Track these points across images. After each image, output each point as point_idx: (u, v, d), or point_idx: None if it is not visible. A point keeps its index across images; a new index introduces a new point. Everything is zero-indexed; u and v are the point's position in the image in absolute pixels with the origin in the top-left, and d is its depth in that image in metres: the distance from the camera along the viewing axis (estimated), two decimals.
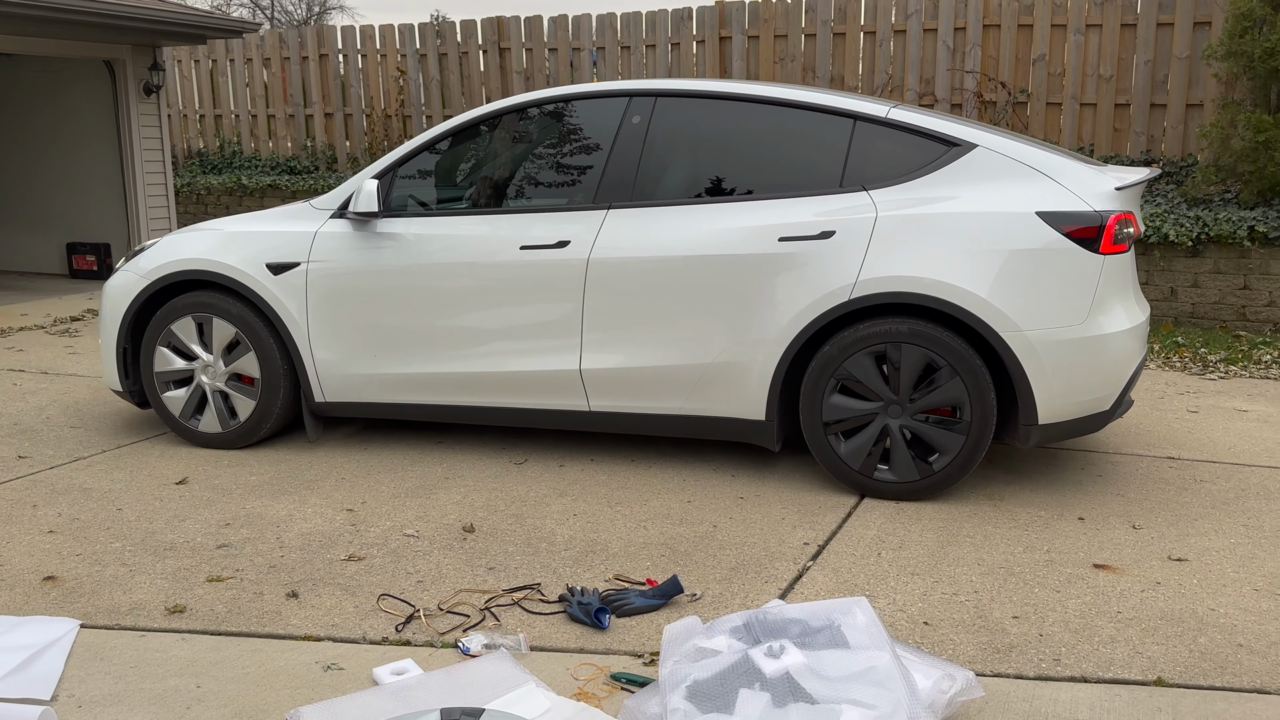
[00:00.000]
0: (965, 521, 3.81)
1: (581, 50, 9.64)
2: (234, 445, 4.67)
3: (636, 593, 3.17)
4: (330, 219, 4.50)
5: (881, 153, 3.98)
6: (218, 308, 4.56)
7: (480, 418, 4.42)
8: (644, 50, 9.40)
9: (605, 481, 4.25)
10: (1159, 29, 7.91)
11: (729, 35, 9.08)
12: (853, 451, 3.98)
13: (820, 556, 3.51)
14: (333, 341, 4.46)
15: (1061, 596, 3.20)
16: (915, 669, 2.51)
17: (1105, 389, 3.84)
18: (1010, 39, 8.29)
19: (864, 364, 3.89)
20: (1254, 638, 2.92)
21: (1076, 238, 3.74)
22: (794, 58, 8.90)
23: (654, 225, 4.09)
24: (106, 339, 4.79)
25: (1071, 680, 2.73)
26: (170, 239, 4.76)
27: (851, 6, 8.70)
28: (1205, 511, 3.87)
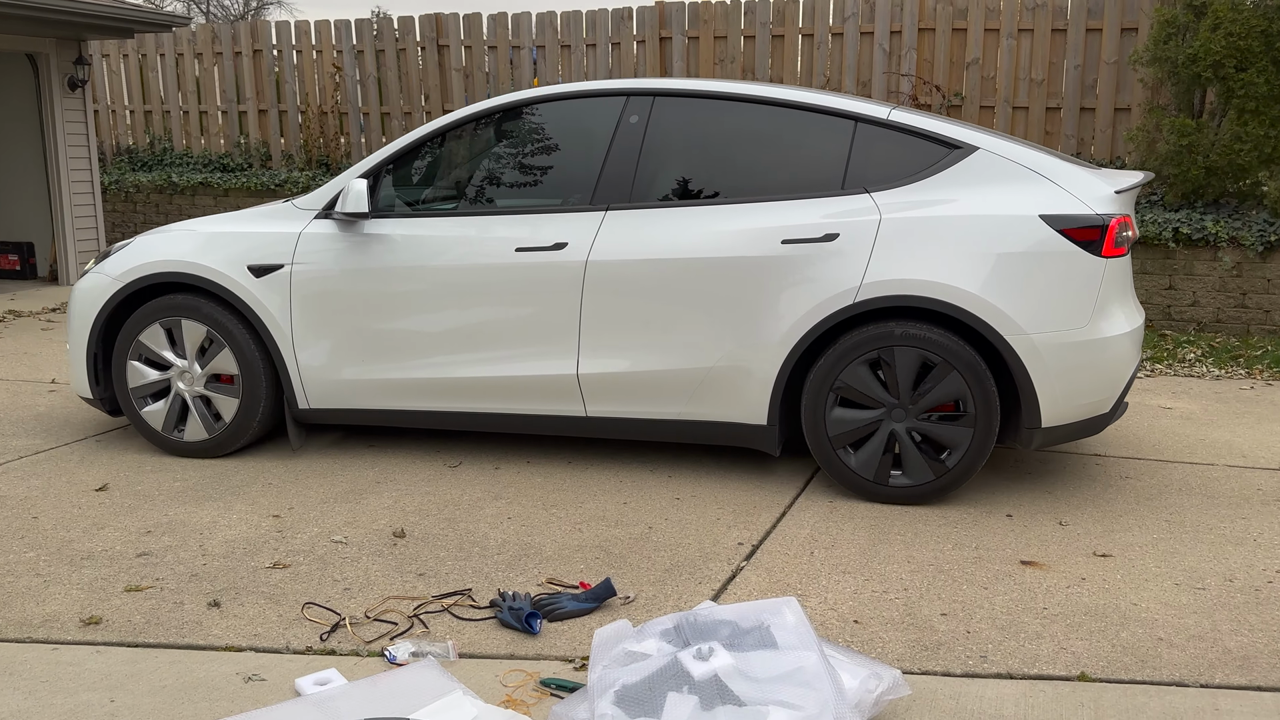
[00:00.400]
0: (896, 520, 3.84)
1: (521, 48, 9.57)
2: (215, 453, 4.50)
3: (569, 596, 3.14)
4: (315, 219, 4.35)
5: (883, 155, 3.96)
6: (196, 311, 4.39)
7: (473, 424, 4.30)
8: (584, 49, 9.36)
9: (541, 484, 4.21)
10: (1088, 34, 8.09)
11: (669, 36, 9.08)
12: (865, 461, 3.92)
13: (754, 556, 3.52)
14: (318, 346, 4.32)
15: (989, 593, 3.23)
16: (843, 668, 2.52)
17: (1105, 392, 3.86)
18: (945, 43, 8.42)
19: (868, 368, 3.85)
20: (1174, 631, 2.99)
21: (1079, 241, 3.74)
22: (733, 59, 8.94)
23: (654, 227, 4.02)
24: (76, 344, 4.58)
25: (998, 677, 2.76)
26: (144, 240, 4.57)
27: (789, 9, 8.76)
28: (1129, 508, 3.95)
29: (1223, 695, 2.66)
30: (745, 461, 4.46)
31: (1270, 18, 6.76)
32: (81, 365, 4.58)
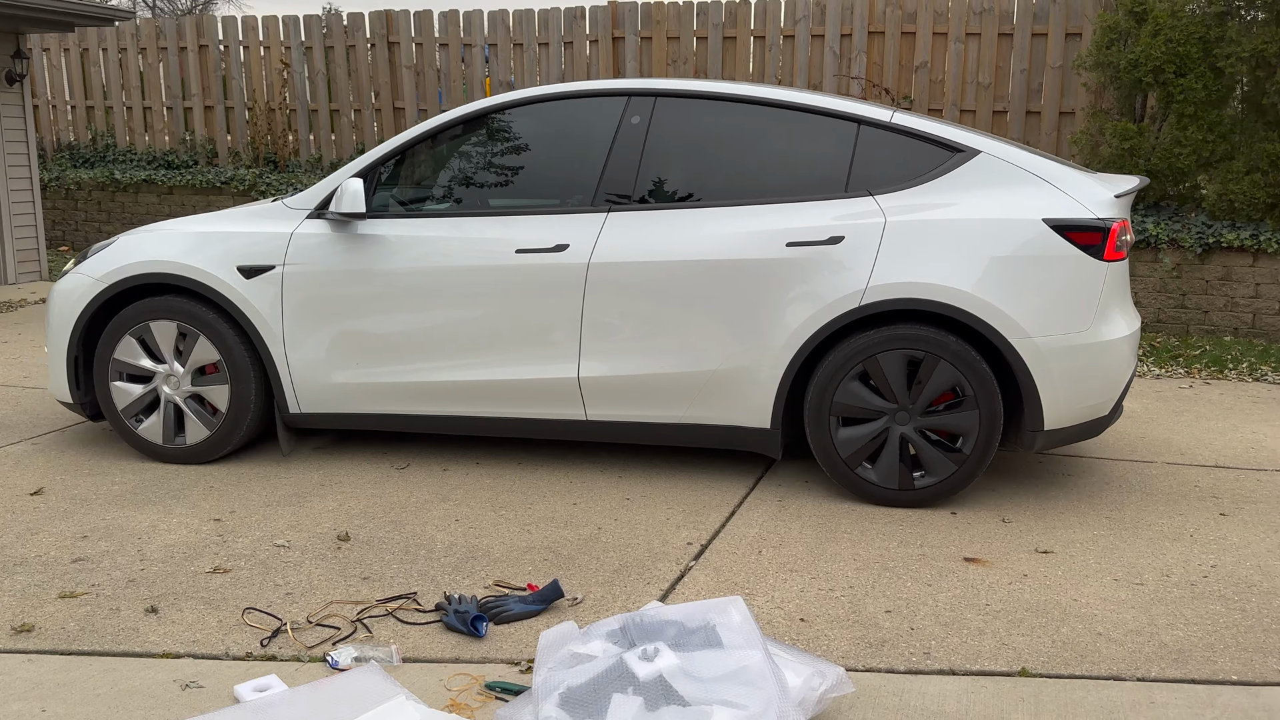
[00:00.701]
0: (844, 518, 3.87)
1: (474, 46, 9.50)
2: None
3: (516, 599, 3.12)
4: (307, 219, 4.25)
5: (885, 158, 3.95)
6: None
7: (469, 428, 4.23)
8: (537, 48, 9.32)
9: (490, 485, 4.18)
10: (1034, 39, 8.23)
11: (622, 35, 9.08)
12: (886, 470, 3.89)
13: (703, 556, 3.52)
14: (311, 349, 4.22)
15: (933, 590, 3.27)
16: (787, 666, 2.52)
17: (1105, 394, 3.88)
18: (894, 46, 8.51)
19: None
20: (1112, 626, 3.04)
21: (1082, 245, 3.76)
22: (686, 59, 8.96)
23: (656, 228, 3.98)
24: (55, 347, 4.43)
25: (940, 673, 2.79)
26: (127, 240, 4.41)
27: (742, 11, 8.80)
28: (1071, 505, 4.02)
29: (1158, 688, 2.71)
30: (696, 461, 4.47)
31: (1208, 25, 6.92)
32: (61, 369, 4.43)
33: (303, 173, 9.92)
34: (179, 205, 10.02)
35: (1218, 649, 2.91)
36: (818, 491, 4.14)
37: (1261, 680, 2.76)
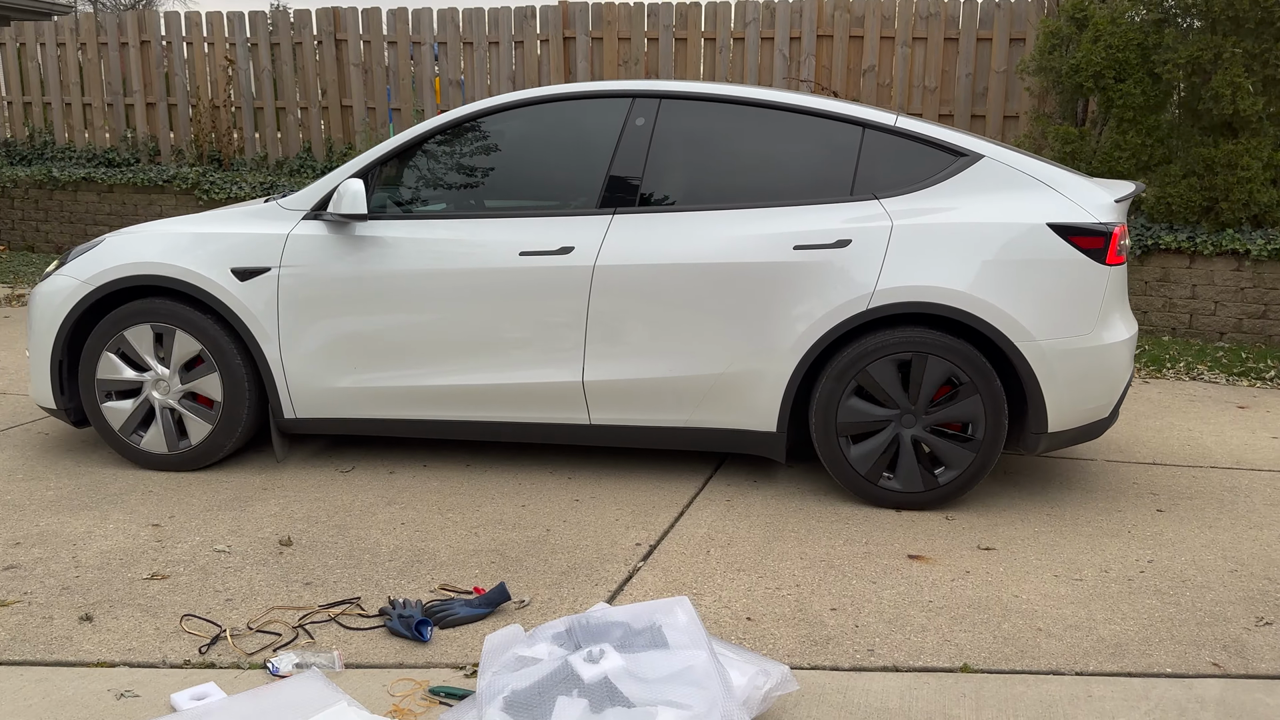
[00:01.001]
0: (791, 516, 3.89)
1: (422, 44, 9.42)
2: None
3: (462, 602, 3.09)
4: (303, 220, 4.15)
5: (890, 161, 3.96)
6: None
7: (469, 433, 4.18)
8: (487, 47, 9.27)
9: (437, 488, 4.14)
10: (979, 44, 8.35)
11: (573, 36, 9.06)
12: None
13: (651, 557, 3.52)
14: (307, 353, 4.12)
15: (878, 587, 3.30)
16: (732, 666, 2.53)
17: (1106, 397, 3.93)
18: (842, 50, 8.59)
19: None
20: (1052, 621, 3.09)
21: (1084, 249, 3.80)
22: (637, 60, 8.96)
23: (663, 231, 3.95)
24: (38, 351, 4.28)
25: (884, 670, 2.81)
26: (114, 241, 4.27)
27: (692, 13, 8.83)
28: (1013, 502, 4.08)
29: (1096, 682, 2.77)
30: (646, 461, 4.47)
31: (1146, 32, 7.08)
32: (45, 374, 4.27)
33: (247, 171, 9.76)
34: (119, 204, 9.80)
35: (1153, 642, 2.97)
36: (766, 490, 4.16)
37: (1195, 673, 2.82)
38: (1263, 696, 2.71)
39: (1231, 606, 3.21)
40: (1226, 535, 3.78)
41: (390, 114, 9.61)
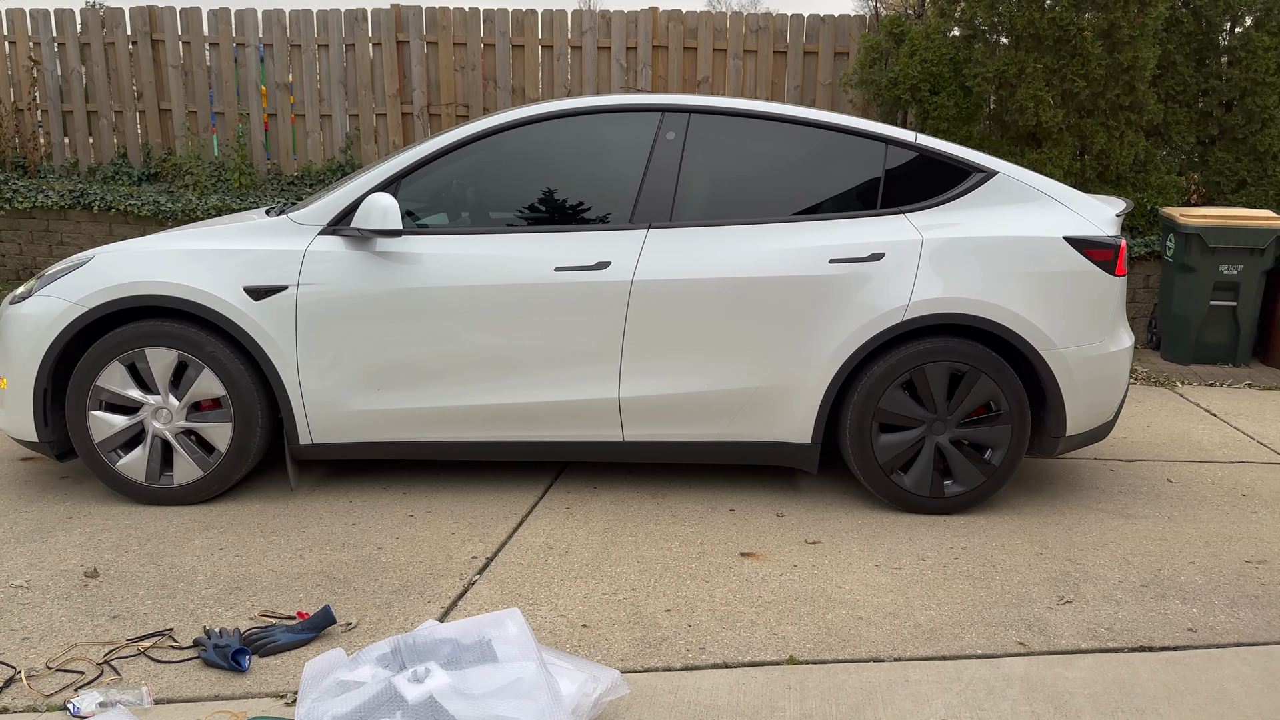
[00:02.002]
0: (629, 521, 3.92)
1: (247, 46, 9.03)
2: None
3: (283, 628, 2.96)
4: (320, 235, 3.92)
5: (913, 177, 4.06)
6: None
7: (500, 453, 4.05)
8: (316, 49, 8.97)
9: (260, 510, 3.96)
10: (806, 57, 8.66)
11: (407, 40, 8.88)
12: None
13: (487, 570, 3.47)
14: (328, 375, 3.90)
15: (710, 586, 3.36)
16: (562, 675, 2.52)
17: (1113, 401, 4.12)
18: (677, 61, 8.74)
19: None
20: (872, 610, 3.22)
21: (1096, 260, 3.99)
22: (473, 66, 8.87)
23: (698, 245, 3.93)
24: (19, 379, 3.88)
25: (714, 667, 2.87)
26: (106, 259, 3.92)
27: (529, 20, 8.80)
28: (839, 497, 4.24)
29: (912, 667, 2.90)
30: (483, 473, 4.41)
31: (958, 47, 7.51)
32: (27, 404, 3.88)
33: (55, 178, 9.11)
34: None
35: (965, 625, 3.14)
36: (606, 496, 4.17)
37: (1003, 652, 3.00)
38: (1062, 670, 2.90)
39: (1036, 587, 3.42)
40: (1033, 520, 4.04)
41: (214, 118, 9.18)
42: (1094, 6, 7.06)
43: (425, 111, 8.96)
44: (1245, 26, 7.40)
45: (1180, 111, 7.40)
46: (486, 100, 8.93)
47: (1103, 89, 7.10)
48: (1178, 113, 7.40)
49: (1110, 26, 6.96)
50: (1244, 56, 7.22)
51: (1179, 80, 7.33)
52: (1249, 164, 7.42)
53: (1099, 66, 7.01)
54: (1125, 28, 6.91)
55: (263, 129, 9.14)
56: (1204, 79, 7.39)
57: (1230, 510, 4.20)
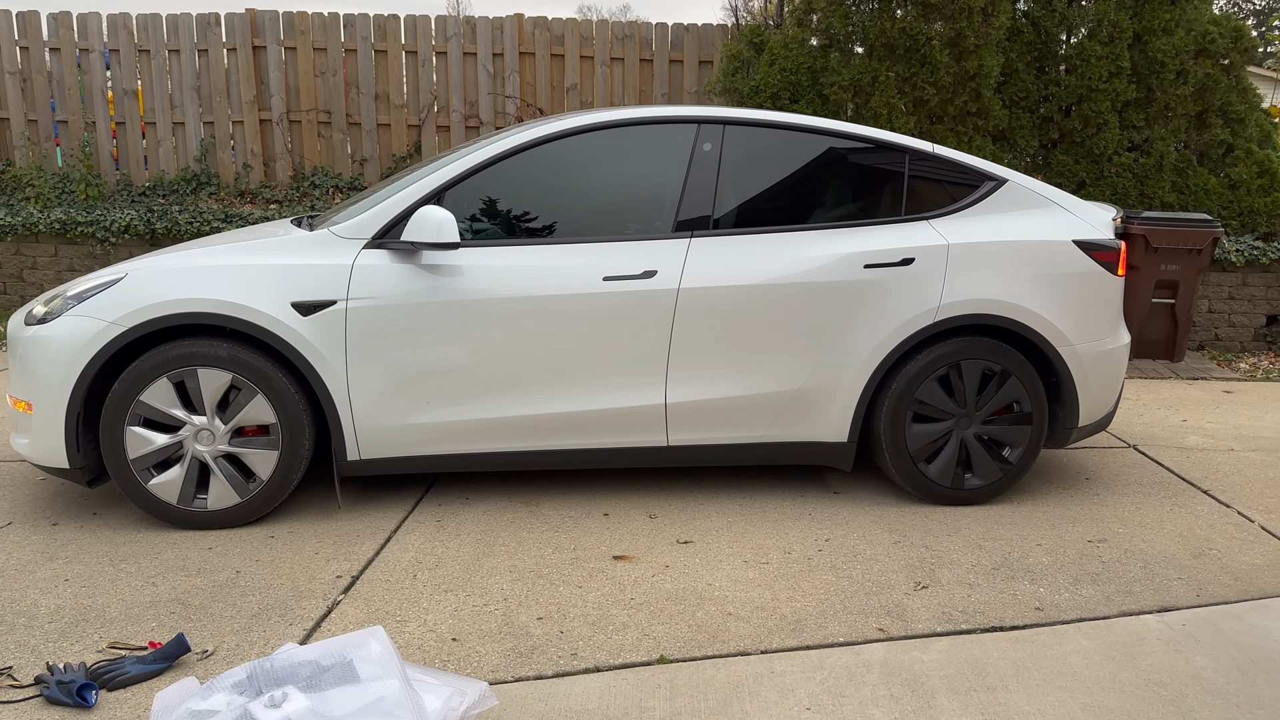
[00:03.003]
0: (502, 530, 3.89)
1: (91, 52, 8.59)
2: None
3: (134, 660, 2.83)
4: (365, 249, 3.86)
5: (933, 184, 4.27)
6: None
7: (547, 462, 4.08)
8: (166, 55, 8.60)
9: (110, 538, 3.77)
10: (672, 65, 8.79)
11: (264, 45, 8.60)
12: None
13: (353, 588, 3.39)
14: (379, 390, 3.86)
15: (583, 591, 3.37)
16: (428, 690, 2.48)
17: (1115, 393, 4.42)
18: (545, 67, 8.74)
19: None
20: (741, 605, 3.29)
21: (1102, 262, 4.26)
22: (335, 71, 8.66)
23: (740, 253, 4.04)
24: (49, 405, 3.68)
25: (586, 673, 2.87)
26: (141, 275, 3.76)
27: (391, 25, 8.65)
28: (710, 496, 4.31)
29: (778, 658, 2.97)
30: (350, 490, 4.31)
31: (815, 56, 7.75)
32: (58, 430, 3.69)
33: None
34: None
35: (828, 615, 3.24)
36: (478, 506, 4.14)
37: (863, 639, 3.10)
38: (919, 654, 3.02)
39: (895, 575, 3.55)
40: (892, 510, 4.19)
41: (55, 126, 8.69)
42: (942, 17, 7.39)
43: (285, 118, 8.70)
44: (1080, 36, 7.87)
45: (1023, 117, 7.82)
46: (349, 106, 8.74)
47: (951, 96, 7.44)
48: (1021, 118, 7.81)
49: (957, 36, 7.30)
50: (1079, 65, 7.68)
51: (1022, 87, 7.74)
52: (1087, 166, 7.90)
53: (947, 74, 7.34)
54: (971, 37, 7.26)
55: (110, 137, 8.71)
56: (1044, 86, 7.83)
57: (1075, 493, 4.46)
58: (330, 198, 8.64)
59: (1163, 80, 7.72)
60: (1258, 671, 2.94)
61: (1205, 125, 7.85)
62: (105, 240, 8.03)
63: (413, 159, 8.80)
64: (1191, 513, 4.23)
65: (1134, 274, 7.28)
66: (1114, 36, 7.62)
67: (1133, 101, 7.81)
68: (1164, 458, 5.01)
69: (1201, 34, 7.70)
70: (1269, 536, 3.98)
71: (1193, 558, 3.76)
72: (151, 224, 7.99)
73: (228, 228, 7.84)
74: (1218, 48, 7.71)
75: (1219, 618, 3.27)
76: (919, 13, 7.33)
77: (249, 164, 8.73)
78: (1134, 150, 7.93)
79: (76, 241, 8.07)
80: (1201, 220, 4.81)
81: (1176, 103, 7.74)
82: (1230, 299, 7.89)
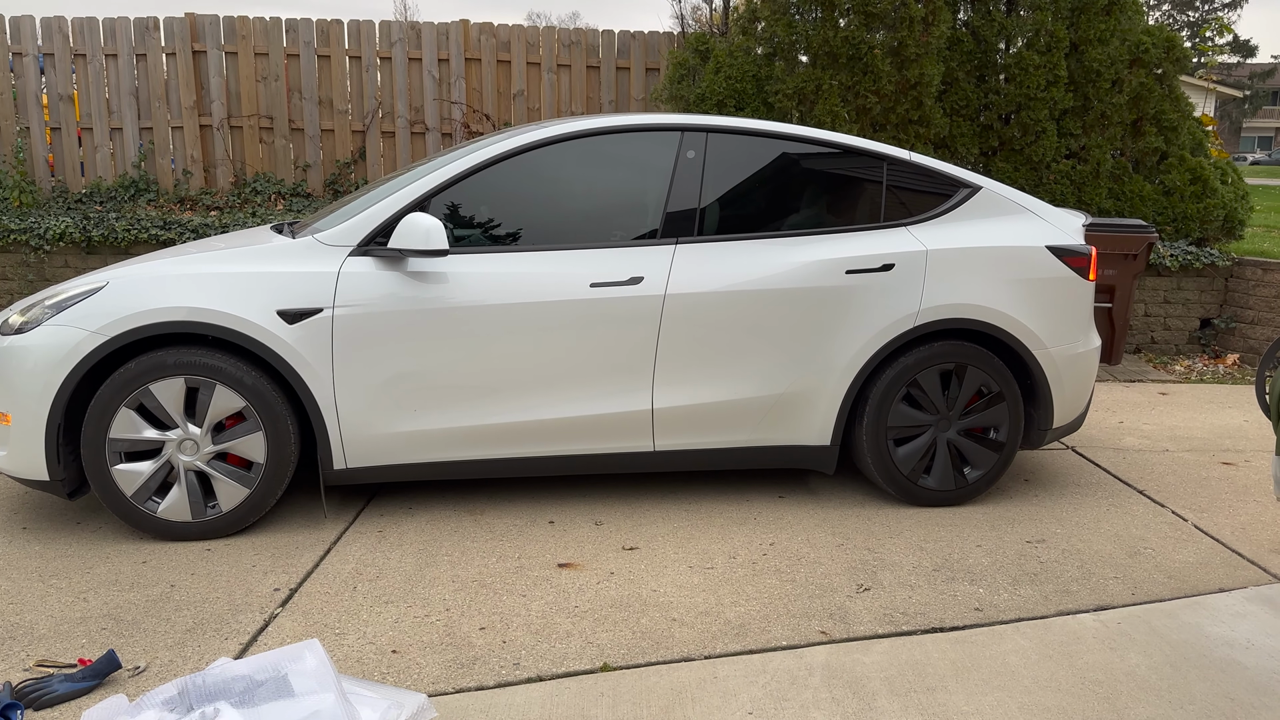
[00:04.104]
0: (446, 539, 3.85)
1: (25, 56, 8.38)
2: (245, 522, 3.86)
3: (62, 678, 2.75)
4: (350, 256, 3.83)
5: (909, 192, 4.33)
6: (202, 366, 3.68)
7: (533, 469, 4.06)
8: (104, 60, 8.42)
9: (39, 552, 3.66)
10: (618, 72, 8.80)
11: (204, 49, 8.46)
12: (942, 475, 4.27)
13: (291, 601, 3.33)
14: (365, 399, 3.84)
15: (527, 600, 3.34)
16: (364, 703, 2.45)
17: (1086, 395, 4.51)
18: (491, 74, 8.70)
19: (930, 382, 4.19)
20: (685, 611, 3.29)
21: (1074, 267, 4.34)
22: (276, 77, 8.54)
23: (724, 259, 4.07)
24: (28, 417, 3.62)
25: (528, 682, 2.85)
26: (123, 284, 3.68)
27: (334, 30, 8.56)
28: (656, 502, 4.31)
29: (722, 663, 2.97)
30: (288, 500, 4.24)
31: (759, 65, 7.81)
32: (38, 443, 3.62)
33: None
34: None
35: (772, 619, 3.25)
36: (421, 516, 4.09)
37: (806, 642, 3.11)
38: (860, 656, 3.04)
39: (838, 577, 3.58)
40: (835, 513, 4.22)
41: None
42: (883, 26, 7.49)
43: (225, 123, 8.56)
44: (1018, 46, 8.03)
45: (964, 125, 7.95)
46: (292, 112, 8.63)
47: (893, 104, 7.54)
48: (962, 126, 7.94)
49: (899, 45, 7.40)
50: (1018, 74, 7.83)
51: (962, 95, 7.88)
52: (1026, 173, 8.05)
53: (889, 83, 7.44)
54: (912, 46, 7.37)
55: (45, 144, 8.50)
56: (984, 94, 7.97)
57: (1014, 495, 4.53)
58: (273, 204, 8.51)
59: (1099, 89, 7.90)
60: (1189, 668, 3.00)
61: (1140, 133, 8.05)
62: (39, 248, 7.83)
63: (357, 165, 8.71)
64: (1128, 513, 4.32)
65: None
66: (1051, 46, 7.78)
67: (1070, 110, 7.98)
68: (1101, 459, 5.11)
69: (1135, 44, 7.90)
70: (1201, 535, 4.08)
71: (1128, 557, 3.83)
72: (88, 231, 7.80)
73: (167, 235, 7.68)
74: (1151, 57, 7.91)
75: (1153, 615, 3.34)
76: (861, 22, 7.42)
77: (189, 170, 8.57)
78: (1072, 158, 8.10)
79: (9, 250, 7.85)
80: (1137, 226, 4.93)
81: (1112, 111, 7.93)
82: (1165, 303, 8.08)
